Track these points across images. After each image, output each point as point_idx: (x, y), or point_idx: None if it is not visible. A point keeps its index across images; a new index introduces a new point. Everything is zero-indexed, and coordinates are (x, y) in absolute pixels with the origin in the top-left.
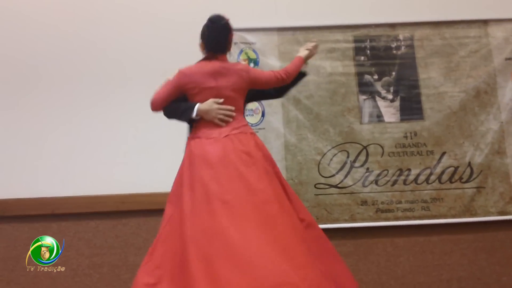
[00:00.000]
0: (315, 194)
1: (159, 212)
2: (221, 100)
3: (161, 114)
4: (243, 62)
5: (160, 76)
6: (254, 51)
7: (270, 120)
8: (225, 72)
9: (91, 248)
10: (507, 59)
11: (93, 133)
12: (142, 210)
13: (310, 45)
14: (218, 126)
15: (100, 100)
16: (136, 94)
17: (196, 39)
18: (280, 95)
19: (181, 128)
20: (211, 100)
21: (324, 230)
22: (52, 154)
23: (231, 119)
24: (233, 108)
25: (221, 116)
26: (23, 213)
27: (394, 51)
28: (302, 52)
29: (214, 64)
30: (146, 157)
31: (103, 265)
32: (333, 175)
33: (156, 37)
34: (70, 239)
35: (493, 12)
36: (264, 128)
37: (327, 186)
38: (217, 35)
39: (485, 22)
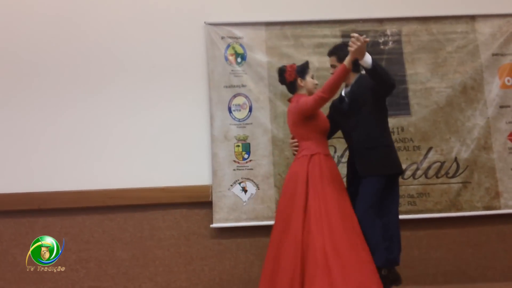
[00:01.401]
0: None
1: (146, 207)
2: (291, 136)
3: (149, 109)
4: (230, 57)
5: (145, 72)
6: (241, 45)
7: (257, 115)
8: (288, 111)
9: (78, 243)
10: (494, 54)
11: (80, 129)
12: (129, 205)
13: (352, 42)
14: None
15: (87, 96)
16: (122, 90)
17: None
18: (381, 88)
19: (166, 125)
20: None
21: None
22: (39, 149)
23: (297, 148)
24: (294, 141)
25: (292, 150)
26: (9, 208)
27: (382, 46)
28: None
29: None
30: (133, 153)
31: (90, 260)
32: None
33: (146, 32)
34: (57, 234)
35: (481, 8)
36: (251, 123)
37: None
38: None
39: (472, 18)
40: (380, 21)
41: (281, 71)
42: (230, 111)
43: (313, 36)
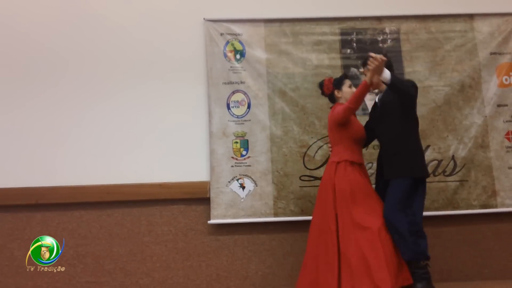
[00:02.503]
0: (300, 186)
1: (144, 203)
2: (328, 140)
3: (147, 106)
4: (229, 54)
5: (144, 68)
6: (240, 42)
7: (255, 112)
8: (328, 118)
9: (75, 238)
10: (492, 53)
11: (78, 124)
12: (127, 201)
13: (370, 61)
14: None
15: (85, 92)
16: (121, 86)
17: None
18: (401, 99)
19: (164, 121)
20: None
21: (309, 222)
22: (37, 144)
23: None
24: (330, 146)
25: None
26: (7, 203)
27: (380, 44)
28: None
29: None
30: (131, 149)
31: (87, 256)
32: (318, 167)
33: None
34: (54, 229)
35: (479, 7)
36: (249, 120)
37: (312, 178)
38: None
39: (471, 17)
40: (379, 19)
41: (320, 85)
42: (228, 107)
43: (312, 34)
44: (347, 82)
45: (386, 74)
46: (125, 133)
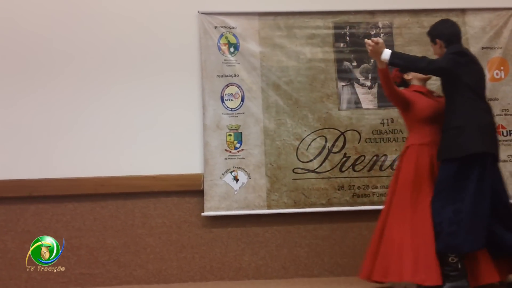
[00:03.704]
0: (293, 179)
1: (138, 195)
2: None
3: (141, 98)
4: (223, 47)
5: (138, 61)
6: (234, 35)
7: (249, 105)
8: None
9: (69, 230)
10: (483, 48)
11: (72, 116)
12: (121, 193)
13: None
14: None
15: (79, 84)
16: (115, 79)
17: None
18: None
19: (158, 113)
20: None
21: (301, 214)
22: (30, 136)
23: None
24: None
25: None
26: (0, 195)
27: (373, 38)
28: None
29: None
30: (125, 141)
31: (81, 247)
32: (311, 160)
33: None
34: (48, 221)
35: (471, 1)
36: (243, 113)
37: (305, 171)
38: None
39: (462, 11)
40: (372, 13)
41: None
42: (222, 100)
43: (305, 27)
44: None
45: (385, 54)
46: (119, 125)
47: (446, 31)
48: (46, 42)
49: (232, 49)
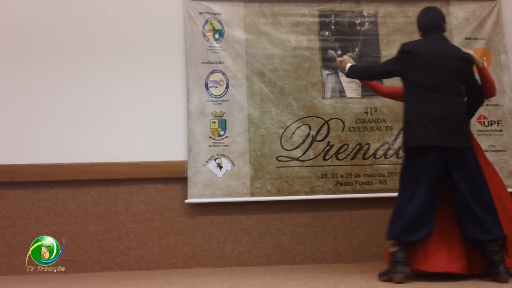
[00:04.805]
0: (276, 167)
1: (121, 181)
2: None
3: (125, 84)
4: (208, 33)
5: (122, 46)
6: (219, 22)
7: (233, 92)
8: None
9: (51, 216)
10: (467, 38)
11: (54, 102)
12: (104, 179)
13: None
14: None
15: (61, 69)
16: (98, 64)
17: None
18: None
19: (142, 99)
20: None
21: (285, 201)
22: (12, 121)
23: None
24: None
25: None
26: None
27: (358, 27)
28: None
29: None
30: (109, 127)
31: (62, 234)
32: (295, 148)
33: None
34: (29, 207)
35: None
36: (227, 100)
37: (289, 159)
38: None
39: (447, 2)
40: (357, 1)
41: None
42: (207, 87)
43: (291, 15)
44: None
45: (346, 69)
46: (102, 111)
47: (420, 22)
48: (26, 23)
49: (217, 36)
